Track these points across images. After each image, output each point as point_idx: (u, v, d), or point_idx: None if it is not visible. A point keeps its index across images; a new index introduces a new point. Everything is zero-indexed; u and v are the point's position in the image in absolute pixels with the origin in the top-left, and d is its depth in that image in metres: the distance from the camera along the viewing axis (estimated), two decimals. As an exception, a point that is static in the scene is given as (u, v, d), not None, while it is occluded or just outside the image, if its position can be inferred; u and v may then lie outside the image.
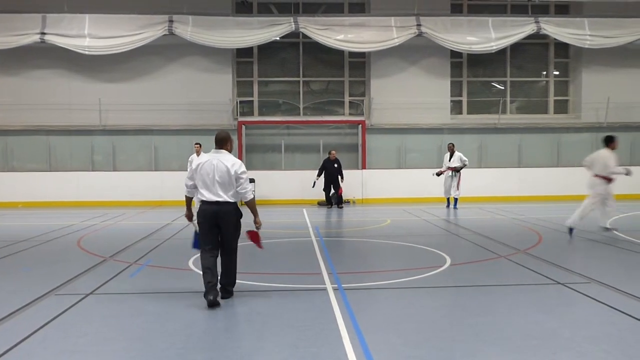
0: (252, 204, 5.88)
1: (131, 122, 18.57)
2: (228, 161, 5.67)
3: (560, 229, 11.03)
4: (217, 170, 5.62)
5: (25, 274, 7.28)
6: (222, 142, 5.82)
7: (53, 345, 4.45)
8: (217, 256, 5.77)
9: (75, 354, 4.27)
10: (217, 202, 5.62)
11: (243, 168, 5.72)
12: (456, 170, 15.92)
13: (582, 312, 5.31)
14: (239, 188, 5.69)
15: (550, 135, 19.66)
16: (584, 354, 4.16)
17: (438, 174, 16.29)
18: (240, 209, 5.89)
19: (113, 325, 5.00)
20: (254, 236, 6.05)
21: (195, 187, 5.77)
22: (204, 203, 5.68)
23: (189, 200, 5.98)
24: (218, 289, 5.63)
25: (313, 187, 17.01)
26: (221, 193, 5.62)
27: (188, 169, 9.41)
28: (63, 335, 4.69)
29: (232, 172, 5.63)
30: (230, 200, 5.67)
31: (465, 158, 15.88)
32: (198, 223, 5.79)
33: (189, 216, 6.04)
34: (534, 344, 4.37)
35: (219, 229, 5.70)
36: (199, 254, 5.87)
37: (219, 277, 5.71)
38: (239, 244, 5.98)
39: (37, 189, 17.95)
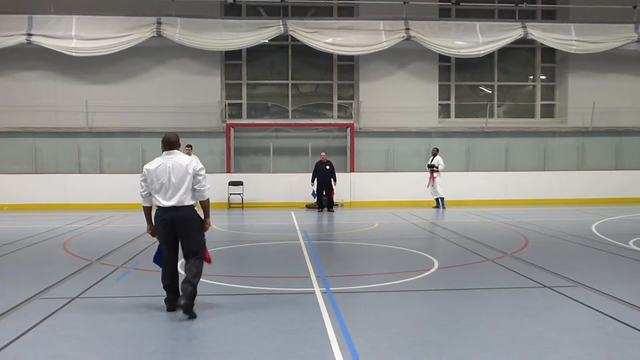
0: (208, 205, 5.61)
1: (118, 124, 18.43)
2: (184, 160, 5.42)
3: (546, 232, 11.12)
4: (173, 172, 5.34)
5: (11, 277, 7.20)
6: (173, 144, 5.52)
7: (38, 350, 4.40)
8: (177, 269, 5.57)
9: (60, 358, 4.24)
10: (174, 208, 5.34)
11: (201, 165, 5.51)
12: (433, 170, 17.17)
13: (568, 316, 5.35)
14: (197, 186, 5.40)
15: (536, 140, 19.82)
16: (571, 358, 4.20)
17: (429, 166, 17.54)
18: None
19: (99, 330, 4.95)
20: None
21: (150, 194, 5.48)
22: (159, 210, 5.40)
23: (148, 211, 5.61)
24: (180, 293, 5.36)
25: (314, 196, 16.89)
26: (178, 197, 5.34)
27: None
28: (48, 340, 4.65)
29: (191, 170, 5.37)
30: (189, 204, 5.39)
31: (442, 162, 17.25)
32: (156, 232, 5.54)
33: (152, 230, 5.62)
34: (520, 348, 4.40)
35: (177, 236, 5.44)
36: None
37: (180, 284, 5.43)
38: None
39: (22, 191, 17.73)
